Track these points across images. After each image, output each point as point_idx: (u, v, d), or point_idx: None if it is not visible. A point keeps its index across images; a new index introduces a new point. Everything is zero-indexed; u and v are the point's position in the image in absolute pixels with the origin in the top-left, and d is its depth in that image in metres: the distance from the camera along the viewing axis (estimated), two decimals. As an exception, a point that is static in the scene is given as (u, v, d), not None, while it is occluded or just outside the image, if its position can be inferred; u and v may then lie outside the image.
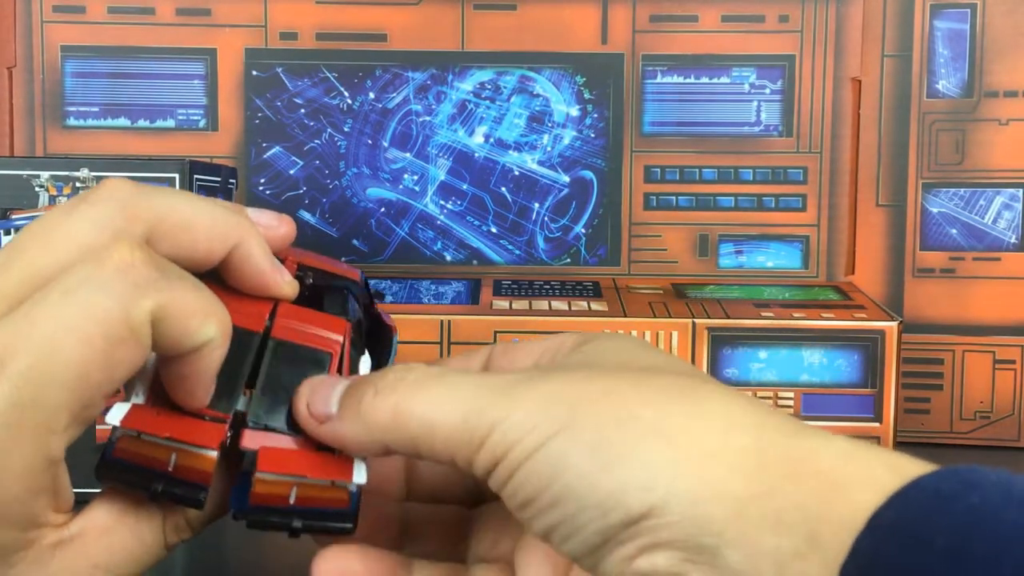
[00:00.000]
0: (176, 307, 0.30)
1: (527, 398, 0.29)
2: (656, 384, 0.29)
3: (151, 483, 0.32)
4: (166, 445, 0.32)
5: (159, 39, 0.72)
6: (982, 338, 0.69)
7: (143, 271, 0.30)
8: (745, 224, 0.72)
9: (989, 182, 0.69)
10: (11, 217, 0.56)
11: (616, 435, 0.27)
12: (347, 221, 0.73)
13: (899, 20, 0.70)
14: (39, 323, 0.29)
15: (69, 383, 0.29)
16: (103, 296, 0.29)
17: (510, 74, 0.72)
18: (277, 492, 0.32)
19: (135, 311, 0.29)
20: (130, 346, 0.30)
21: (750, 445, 0.27)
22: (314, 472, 0.32)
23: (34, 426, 0.29)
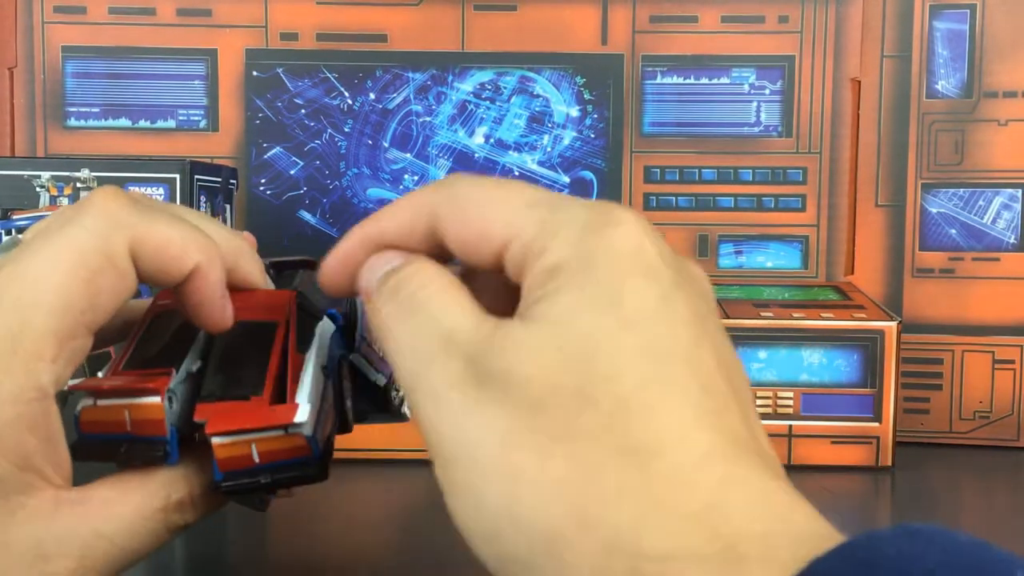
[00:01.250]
0: (153, 239, 0.33)
1: (451, 421, 0.28)
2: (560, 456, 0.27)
3: (116, 447, 0.34)
4: (118, 404, 0.34)
5: (160, 39, 0.72)
6: (981, 338, 0.69)
7: (119, 209, 0.33)
8: (745, 224, 0.72)
9: (988, 182, 0.69)
10: (12, 217, 0.56)
11: (511, 535, 0.27)
12: (347, 221, 0.73)
13: (899, 20, 0.70)
14: (26, 261, 0.32)
15: (54, 309, 0.31)
16: (82, 231, 0.32)
17: (510, 74, 0.72)
18: (239, 453, 0.33)
19: (112, 242, 0.33)
20: (109, 275, 0.32)
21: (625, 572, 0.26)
22: (257, 422, 0.33)
23: (23, 353, 0.31)
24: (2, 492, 0.31)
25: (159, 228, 0.34)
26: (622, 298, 0.28)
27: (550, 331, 0.28)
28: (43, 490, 0.32)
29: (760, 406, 0.62)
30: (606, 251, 0.28)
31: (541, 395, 0.27)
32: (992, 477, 0.65)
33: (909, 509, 0.58)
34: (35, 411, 0.31)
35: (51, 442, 0.32)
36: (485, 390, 0.28)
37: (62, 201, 0.56)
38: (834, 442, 0.62)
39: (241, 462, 0.34)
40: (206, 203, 0.59)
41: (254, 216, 0.73)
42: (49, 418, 0.32)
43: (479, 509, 0.28)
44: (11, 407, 0.31)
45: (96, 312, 0.33)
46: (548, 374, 0.28)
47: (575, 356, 0.28)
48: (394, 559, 0.46)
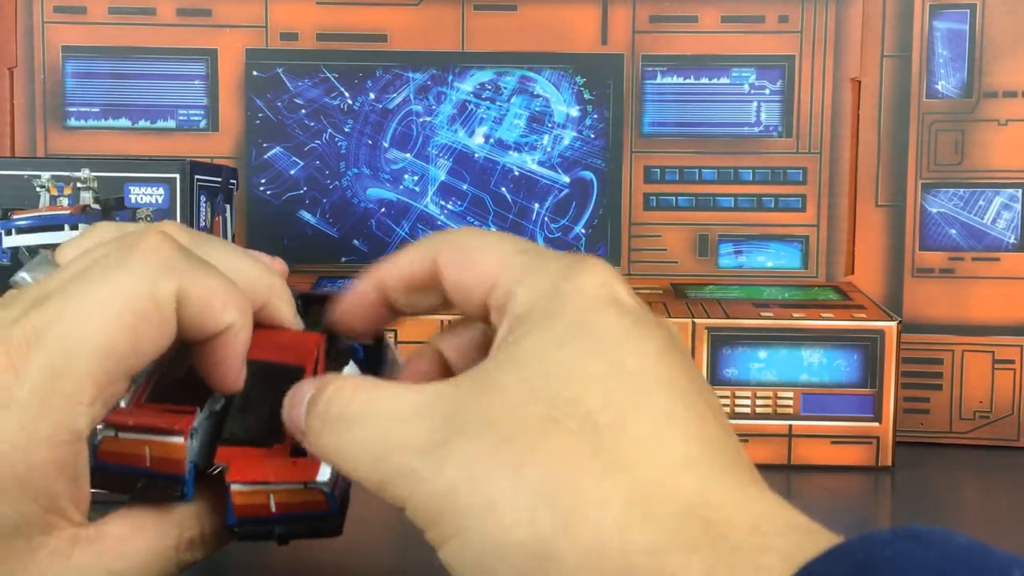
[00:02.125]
0: (199, 289, 0.33)
1: (427, 484, 0.28)
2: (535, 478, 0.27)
3: (134, 482, 0.34)
4: (140, 439, 0.34)
5: (160, 39, 0.72)
6: (981, 338, 0.69)
7: (169, 255, 0.33)
8: (745, 224, 0.72)
9: (988, 182, 0.69)
10: (12, 217, 0.56)
11: (498, 563, 0.27)
12: (347, 221, 0.73)
13: (899, 20, 0.70)
14: (73, 300, 0.31)
15: (97, 354, 0.31)
16: (131, 275, 0.32)
17: (510, 74, 0.72)
18: (257, 502, 0.33)
19: (161, 289, 0.32)
20: (155, 322, 0.32)
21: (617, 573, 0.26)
22: (279, 476, 0.33)
23: (63, 395, 0.31)
24: (26, 533, 0.31)
25: (205, 279, 0.33)
26: (588, 329, 0.29)
27: (515, 368, 0.29)
28: (63, 529, 0.32)
29: (760, 406, 0.62)
30: (574, 292, 0.30)
31: (509, 430, 0.28)
32: (992, 477, 0.65)
33: (909, 509, 0.58)
34: (67, 453, 0.31)
35: (77, 482, 0.32)
36: (453, 443, 0.28)
37: (62, 201, 0.56)
38: (834, 442, 0.62)
39: (257, 510, 0.33)
40: (206, 203, 0.59)
41: (254, 216, 0.73)
42: (78, 459, 0.32)
43: (464, 550, 0.28)
44: (45, 449, 0.30)
45: (137, 358, 0.32)
46: (514, 407, 0.28)
47: (540, 387, 0.28)
48: (395, 559, 0.46)
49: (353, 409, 0.30)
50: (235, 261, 0.36)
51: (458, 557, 0.28)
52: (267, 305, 0.36)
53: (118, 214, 0.56)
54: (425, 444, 0.29)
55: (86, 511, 0.33)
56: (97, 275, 0.32)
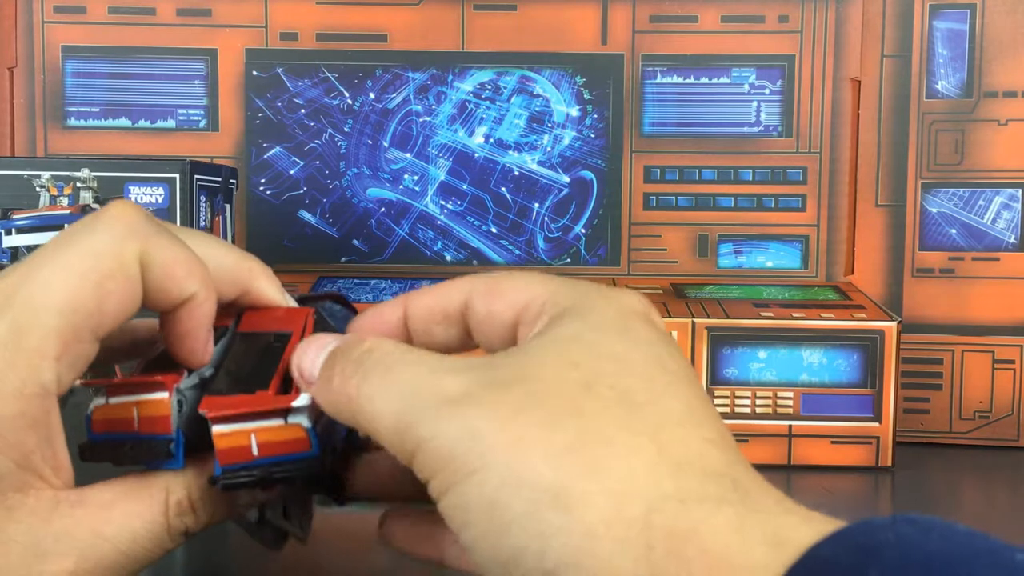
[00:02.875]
0: (163, 255, 0.33)
1: (453, 425, 0.29)
2: (568, 429, 0.28)
3: (123, 447, 0.34)
4: (128, 401, 0.34)
5: (160, 39, 0.72)
6: (981, 338, 0.69)
7: (136, 220, 0.34)
8: (745, 224, 0.72)
9: (988, 182, 0.69)
10: (12, 217, 0.56)
11: (514, 498, 0.27)
12: (347, 221, 0.73)
13: (898, 20, 0.70)
14: (42, 264, 0.32)
15: (61, 309, 0.32)
16: (95, 235, 0.33)
17: (510, 74, 0.72)
18: (238, 444, 0.33)
19: (125, 249, 0.33)
20: (120, 281, 0.33)
21: (640, 516, 0.26)
22: (256, 405, 0.33)
23: (28, 349, 0.31)
24: (0, 489, 0.31)
25: (169, 246, 0.34)
26: (625, 329, 0.31)
27: (555, 348, 0.30)
28: (41, 490, 0.32)
29: (760, 406, 0.62)
30: (613, 301, 0.32)
31: (546, 389, 0.29)
32: (992, 477, 0.65)
33: (909, 509, 0.58)
34: (36, 408, 0.31)
35: (51, 443, 0.32)
36: (486, 393, 0.29)
37: (62, 201, 0.56)
38: (834, 442, 0.62)
39: (240, 454, 0.33)
40: (206, 203, 0.59)
41: (254, 216, 0.73)
42: (50, 417, 0.32)
43: (482, 486, 0.28)
44: (13, 402, 0.31)
45: (103, 317, 0.33)
46: (553, 373, 0.29)
47: (581, 361, 0.30)
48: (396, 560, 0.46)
49: (394, 358, 0.31)
50: (210, 247, 0.36)
51: (470, 497, 0.28)
52: (250, 288, 0.37)
53: (118, 214, 0.56)
54: (458, 393, 0.29)
55: (67, 478, 0.33)
56: (63, 241, 0.33)
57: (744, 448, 0.63)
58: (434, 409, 0.29)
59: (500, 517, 0.27)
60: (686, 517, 0.26)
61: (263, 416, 0.33)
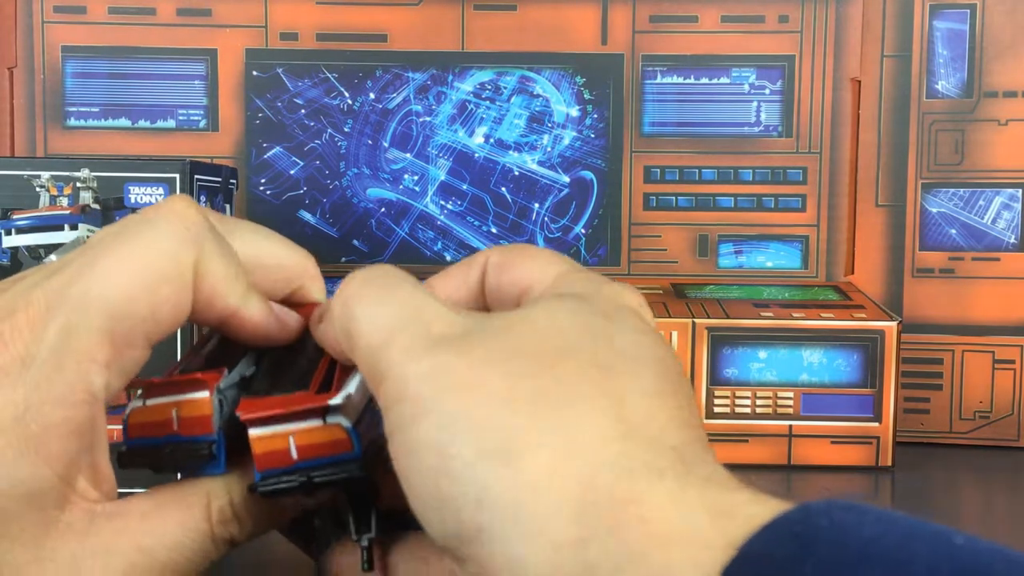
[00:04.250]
0: (213, 269, 0.32)
1: (426, 359, 0.28)
2: (532, 384, 0.28)
3: (163, 451, 0.32)
4: (167, 402, 0.33)
5: (160, 39, 0.72)
6: (981, 338, 0.69)
7: (196, 221, 0.33)
8: (745, 224, 0.72)
9: (988, 182, 0.69)
10: (12, 217, 0.56)
11: (463, 441, 0.27)
12: (347, 221, 0.73)
13: (899, 20, 0.70)
14: (97, 260, 0.31)
15: (114, 311, 0.30)
16: (155, 232, 0.32)
17: (510, 74, 0.72)
18: (277, 448, 0.32)
19: (183, 254, 0.32)
20: (175, 285, 0.32)
21: (580, 476, 0.26)
22: (291, 405, 0.32)
23: (78, 352, 0.30)
24: (39, 504, 0.30)
25: (219, 258, 0.33)
26: (617, 319, 0.31)
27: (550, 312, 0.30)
28: (77, 504, 0.31)
29: (760, 406, 0.62)
30: (609, 294, 0.32)
31: (527, 344, 0.29)
32: (992, 477, 0.65)
33: (909, 509, 0.58)
34: (83, 415, 0.30)
35: (93, 452, 0.31)
36: (467, 340, 0.29)
37: (62, 201, 0.56)
38: (834, 442, 0.62)
39: (279, 458, 0.32)
40: (206, 203, 0.59)
41: (254, 216, 0.73)
42: (95, 425, 0.31)
43: (433, 426, 0.27)
44: (60, 409, 0.30)
45: (156, 323, 0.31)
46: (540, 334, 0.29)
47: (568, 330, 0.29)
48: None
49: (397, 281, 0.31)
50: (266, 243, 0.36)
51: (420, 435, 0.27)
52: (299, 286, 0.37)
53: (118, 214, 0.56)
54: (439, 333, 0.29)
55: (109, 490, 0.32)
56: (118, 237, 0.32)
57: (744, 448, 0.63)
58: (413, 340, 0.29)
59: (444, 459, 0.27)
60: (628, 484, 0.26)
61: (300, 417, 0.32)
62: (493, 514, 0.26)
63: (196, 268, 0.32)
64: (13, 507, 0.29)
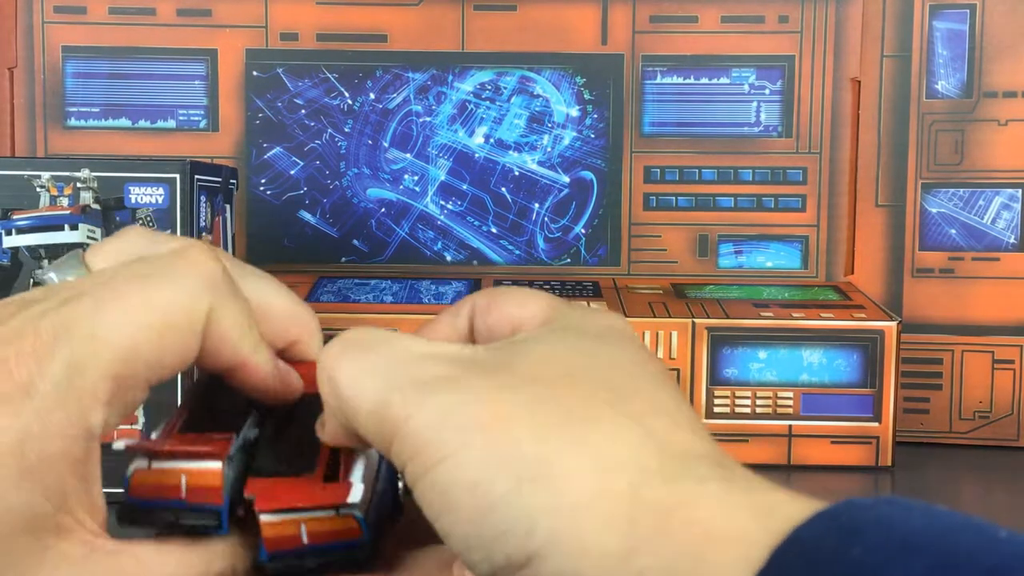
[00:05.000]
0: (227, 318, 0.33)
1: (432, 404, 0.28)
2: (553, 408, 0.28)
3: (168, 516, 0.32)
4: (174, 468, 0.33)
5: (160, 40, 0.72)
6: (981, 338, 0.69)
7: (212, 272, 0.33)
8: (745, 224, 0.72)
9: (988, 182, 0.69)
10: (12, 217, 0.56)
11: (498, 475, 0.27)
12: (347, 221, 0.73)
13: (898, 21, 0.70)
14: (106, 302, 0.31)
15: (120, 354, 0.31)
16: (171, 284, 0.32)
17: (510, 75, 0.72)
18: (288, 533, 0.32)
19: (196, 304, 0.32)
20: (184, 334, 0.32)
21: (625, 491, 0.26)
22: (308, 500, 0.32)
23: (81, 389, 0.30)
24: (36, 531, 0.30)
25: (232, 310, 0.33)
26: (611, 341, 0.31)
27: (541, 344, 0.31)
28: (75, 534, 0.31)
29: (760, 406, 0.62)
30: (601, 321, 0.33)
31: (532, 373, 0.29)
32: (992, 477, 0.65)
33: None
34: (79, 450, 0.30)
35: (88, 486, 0.31)
36: (467, 377, 0.29)
37: (62, 201, 0.56)
38: (834, 442, 0.62)
39: (289, 542, 0.32)
40: (206, 203, 0.59)
41: (254, 216, 0.73)
42: (91, 460, 0.31)
43: (464, 465, 0.27)
44: (58, 442, 0.30)
45: (161, 369, 0.32)
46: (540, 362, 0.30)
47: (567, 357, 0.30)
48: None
49: (375, 338, 0.31)
50: (272, 295, 0.36)
51: (450, 478, 0.27)
52: (299, 341, 0.36)
53: (118, 214, 0.56)
54: (438, 375, 0.29)
55: (102, 523, 0.32)
56: (134, 280, 0.32)
57: (744, 448, 0.63)
58: (412, 390, 0.29)
59: (483, 497, 0.27)
60: (671, 492, 0.26)
61: (316, 509, 0.32)
62: (544, 541, 0.26)
63: (209, 317, 0.32)
64: (7, 532, 0.30)
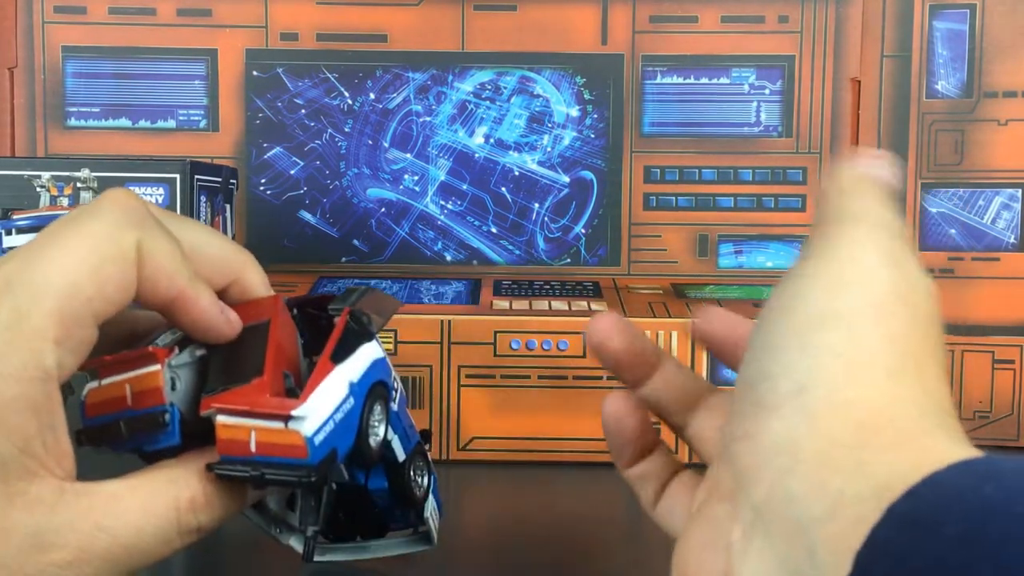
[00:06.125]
0: (156, 247, 0.34)
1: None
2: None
3: (118, 425, 0.34)
4: (120, 380, 0.34)
5: (160, 40, 0.72)
6: (981, 338, 0.69)
7: (135, 207, 0.34)
8: (744, 224, 0.72)
9: (988, 182, 0.69)
10: (12, 217, 0.56)
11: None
12: (348, 221, 0.73)
13: (898, 20, 0.70)
14: (42, 248, 0.33)
15: (62, 292, 0.32)
16: (95, 221, 0.33)
17: (510, 75, 0.72)
18: (238, 438, 0.33)
19: (124, 235, 0.33)
20: (119, 264, 0.33)
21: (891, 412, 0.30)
22: (258, 406, 0.33)
23: (29, 332, 0.31)
24: (3, 476, 0.31)
25: (162, 239, 0.34)
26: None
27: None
28: (45, 479, 0.31)
29: (760, 406, 0.62)
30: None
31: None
32: (992, 477, 0.64)
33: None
34: (37, 392, 0.31)
35: (53, 430, 0.32)
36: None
37: (62, 201, 0.56)
38: (834, 442, 0.62)
39: (239, 448, 0.34)
40: (206, 203, 0.60)
41: (254, 216, 0.73)
42: (52, 402, 0.32)
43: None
44: (14, 384, 0.31)
45: (104, 302, 0.33)
46: None
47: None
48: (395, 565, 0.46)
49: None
50: (204, 236, 0.37)
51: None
52: (240, 279, 0.37)
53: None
54: None
55: (70, 469, 0.32)
56: (63, 226, 0.33)
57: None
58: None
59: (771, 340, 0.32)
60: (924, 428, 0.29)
61: (265, 416, 0.33)
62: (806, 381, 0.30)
63: (139, 248, 0.33)
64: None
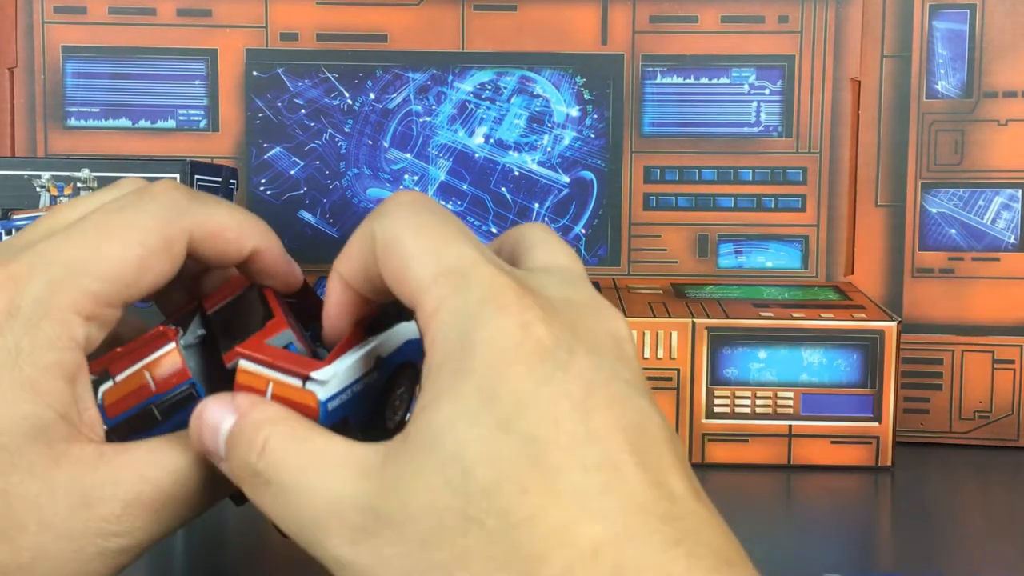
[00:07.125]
0: (212, 226, 0.36)
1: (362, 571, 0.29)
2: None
3: (148, 415, 0.34)
4: (136, 370, 0.35)
5: (160, 40, 0.72)
6: (981, 338, 0.69)
7: (180, 196, 0.35)
8: (744, 224, 0.72)
9: (988, 182, 0.69)
10: (12, 217, 0.56)
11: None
12: (348, 221, 0.73)
13: (898, 20, 0.70)
14: (88, 229, 0.34)
15: (101, 275, 0.33)
16: (146, 216, 0.34)
17: (510, 75, 0.72)
18: (256, 387, 0.33)
19: (172, 228, 0.35)
20: (162, 257, 0.34)
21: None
22: (284, 360, 0.33)
23: (62, 305, 0.33)
24: (46, 438, 0.32)
25: (217, 217, 0.36)
26: (499, 394, 0.28)
27: (430, 454, 0.28)
28: (83, 442, 0.33)
29: (760, 406, 0.62)
30: (484, 344, 0.29)
31: (430, 528, 0.28)
32: (992, 477, 0.65)
33: (909, 509, 0.58)
34: (71, 361, 0.33)
35: (83, 400, 0.33)
36: (383, 533, 0.29)
37: (62, 201, 0.56)
38: (834, 442, 0.62)
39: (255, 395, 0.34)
40: (206, 203, 0.60)
41: (254, 216, 0.73)
42: (82, 371, 0.33)
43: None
44: (49, 353, 0.32)
45: (139, 289, 0.34)
46: (434, 503, 0.28)
47: (456, 477, 0.28)
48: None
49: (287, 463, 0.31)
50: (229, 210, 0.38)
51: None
52: (258, 249, 0.38)
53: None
54: (354, 534, 0.29)
55: (101, 435, 0.34)
56: (116, 213, 0.34)
57: (744, 448, 0.63)
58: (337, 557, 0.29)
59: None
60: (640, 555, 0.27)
61: (286, 371, 0.33)
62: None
63: (192, 234, 0.35)
64: (20, 443, 0.32)
